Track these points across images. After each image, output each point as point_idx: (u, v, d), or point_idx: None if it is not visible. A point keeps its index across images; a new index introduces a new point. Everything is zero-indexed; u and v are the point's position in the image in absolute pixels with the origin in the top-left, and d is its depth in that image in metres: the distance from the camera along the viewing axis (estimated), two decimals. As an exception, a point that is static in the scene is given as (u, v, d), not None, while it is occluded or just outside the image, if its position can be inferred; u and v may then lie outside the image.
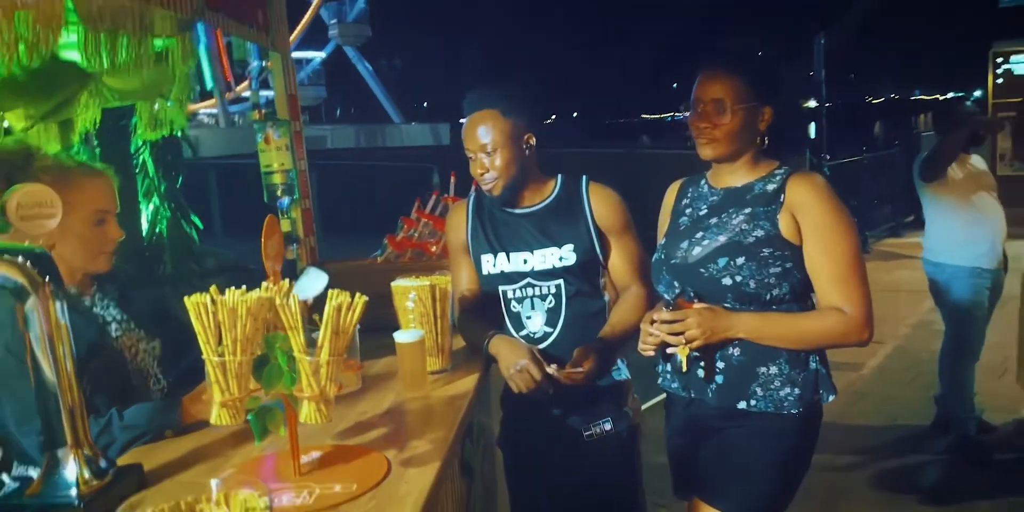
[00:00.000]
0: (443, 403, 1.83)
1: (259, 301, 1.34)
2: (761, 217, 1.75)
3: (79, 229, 1.74)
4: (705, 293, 1.77)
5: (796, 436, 1.78)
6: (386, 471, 1.45)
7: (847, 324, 1.71)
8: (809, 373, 1.76)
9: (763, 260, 1.72)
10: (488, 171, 2.04)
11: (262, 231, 1.51)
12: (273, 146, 2.54)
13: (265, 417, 1.42)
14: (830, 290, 1.72)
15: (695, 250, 1.79)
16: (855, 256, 1.73)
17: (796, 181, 1.76)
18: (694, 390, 1.84)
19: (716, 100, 1.76)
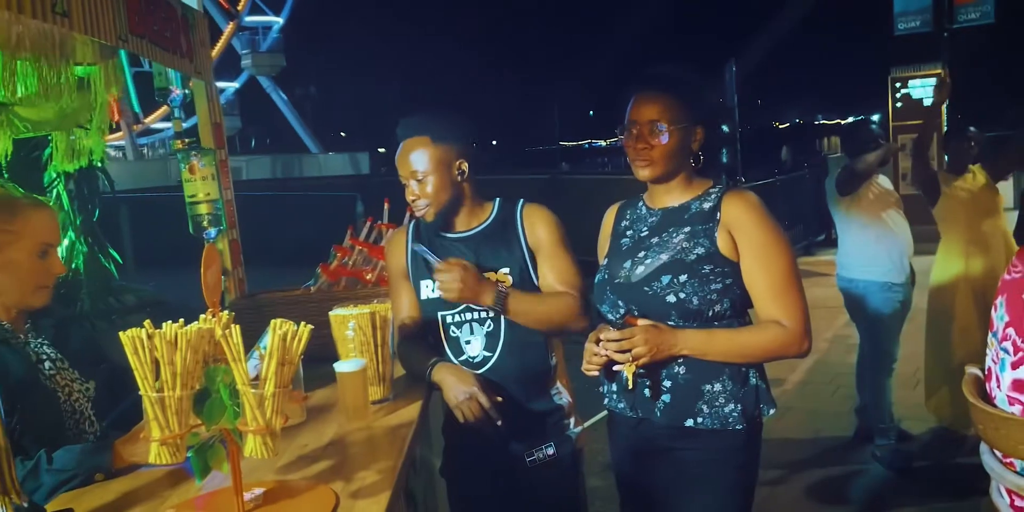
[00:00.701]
0: (387, 432, 1.80)
1: (199, 333, 1.30)
2: (700, 235, 1.79)
3: (23, 260, 1.68)
4: (649, 311, 1.79)
5: (743, 452, 1.81)
6: (334, 504, 1.41)
7: (787, 336, 1.75)
8: (750, 388, 1.79)
9: (704, 277, 1.75)
10: (419, 198, 2.05)
11: (201, 262, 1.47)
12: (198, 176, 2.48)
13: (206, 453, 1.37)
14: (768, 304, 1.76)
15: (638, 269, 1.82)
16: (791, 270, 1.78)
17: (730, 199, 1.81)
18: (641, 409, 1.85)
19: (652, 121, 1.80)
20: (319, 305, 2.21)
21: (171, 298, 3.76)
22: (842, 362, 5.24)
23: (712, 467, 1.80)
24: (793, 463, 3.88)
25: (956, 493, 3.48)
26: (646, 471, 1.91)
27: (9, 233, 1.63)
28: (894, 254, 3.86)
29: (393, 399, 2.01)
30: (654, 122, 1.79)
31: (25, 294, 1.71)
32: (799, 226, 10.47)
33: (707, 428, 1.77)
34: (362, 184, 16.66)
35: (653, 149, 1.80)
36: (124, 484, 1.57)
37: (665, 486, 1.86)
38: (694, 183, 1.88)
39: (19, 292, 1.70)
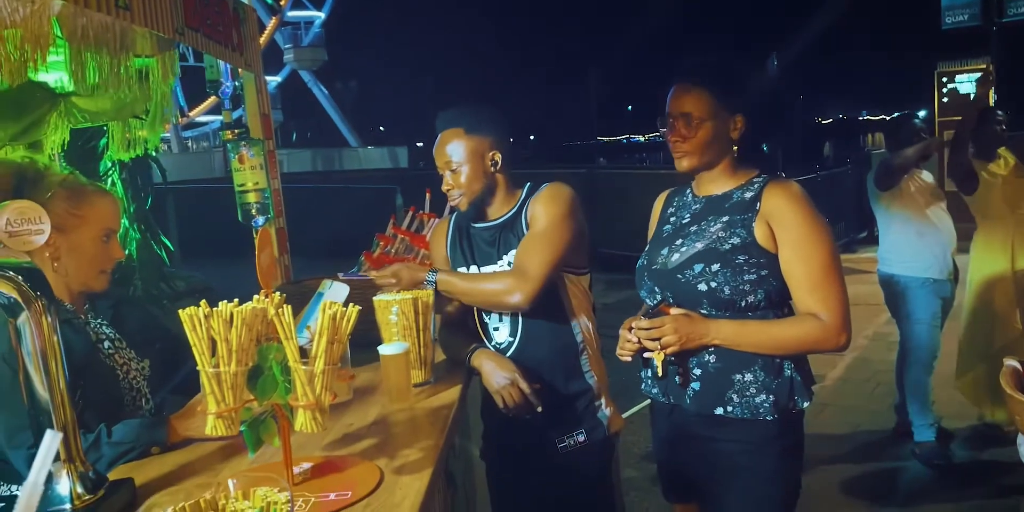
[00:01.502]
0: (428, 414, 1.85)
1: (253, 312, 1.36)
2: (737, 225, 1.80)
3: (87, 244, 1.76)
4: (682, 298, 1.81)
5: (778, 442, 1.81)
6: (379, 479, 1.47)
7: (823, 330, 1.74)
8: (784, 380, 1.79)
9: (738, 267, 1.76)
10: (453, 188, 2.11)
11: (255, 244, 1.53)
12: (247, 165, 2.55)
13: (259, 427, 1.43)
14: (806, 296, 1.76)
15: (674, 256, 1.84)
16: (831, 262, 1.76)
17: (772, 190, 1.81)
18: (672, 396, 1.88)
19: (684, 114, 1.82)
20: (363, 291, 2.26)
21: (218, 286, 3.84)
22: (882, 359, 5.20)
23: (746, 456, 1.81)
24: (831, 459, 3.88)
25: (996, 491, 3.47)
26: (682, 458, 1.94)
27: (77, 217, 1.72)
28: (936, 250, 3.83)
29: (434, 382, 2.07)
30: (687, 114, 1.81)
31: (88, 277, 1.79)
32: (840, 223, 10.35)
33: (737, 417, 1.78)
34: (401, 177, 16.80)
35: (686, 141, 1.83)
36: (180, 457, 1.64)
37: (701, 474, 1.89)
38: (738, 172, 1.88)
39: (83, 275, 1.78)
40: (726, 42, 60.12)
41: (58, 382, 1.35)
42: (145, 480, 1.51)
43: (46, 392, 1.34)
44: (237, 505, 0.87)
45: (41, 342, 1.33)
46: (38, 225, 1.51)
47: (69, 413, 1.36)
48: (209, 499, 0.88)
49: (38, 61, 1.48)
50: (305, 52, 39.69)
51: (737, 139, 1.85)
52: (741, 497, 1.83)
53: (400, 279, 2.08)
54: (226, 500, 0.88)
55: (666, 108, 1.86)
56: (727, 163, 1.87)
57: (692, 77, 1.84)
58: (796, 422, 1.85)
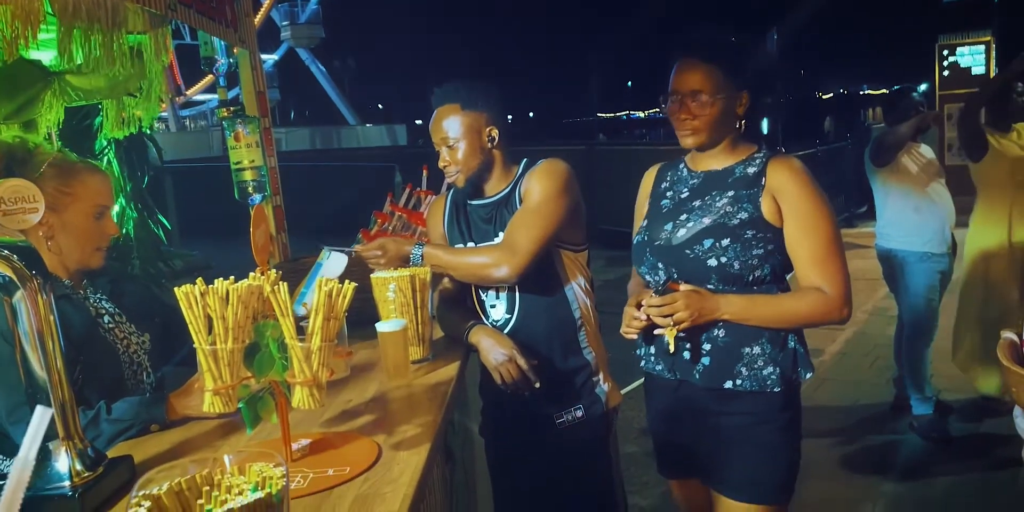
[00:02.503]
0: (427, 390, 1.86)
1: (249, 289, 1.36)
2: (744, 200, 1.80)
3: (79, 222, 1.77)
4: (689, 274, 1.81)
5: (783, 413, 1.84)
6: (377, 455, 1.48)
7: (827, 303, 1.76)
8: (788, 352, 1.82)
9: (747, 242, 1.77)
10: (450, 164, 2.10)
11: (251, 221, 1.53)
12: (243, 143, 2.54)
13: (257, 404, 1.44)
14: (810, 270, 1.78)
15: (680, 232, 1.83)
16: (833, 237, 1.78)
17: (776, 165, 1.81)
18: (680, 372, 1.88)
19: (694, 91, 1.80)
20: (361, 269, 2.27)
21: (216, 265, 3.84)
22: (881, 334, 5.22)
23: (752, 428, 1.83)
24: (830, 432, 3.90)
25: (994, 463, 3.49)
26: (686, 433, 1.94)
27: (67, 195, 1.72)
28: (934, 224, 3.82)
29: (432, 359, 2.07)
30: (696, 92, 1.80)
31: (84, 254, 1.79)
32: (840, 197, 10.34)
33: (746, 390, 1.80)
34: (399, 155, 16.75)
35: (696, 119, 1.81)
36: (178, 434, 1.65)
37: (706, 447, 1.90)
38: (738, 148, 1.88)
39: (78, 252, 1.78)
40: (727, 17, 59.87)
41: (55, 360, 1.35)
42: (144, 458, 1.52)
43: (43, 371, 1.34)
44: (233, 480, 0.87)
45: (37, 321, 1.33)
46: (32, 204, 1.50)
47: (67, 391, 1.36)
48: (205, 475, 0.88)
49: (29, 38, 1.47)
50: (302, 29, 39.42)
51: (741, 115, 1.84)
52: (749, 469, 1.85)
53: (386, 251, 2.07)
54: (222, 476, 0.88)
55: (670, 84, 1.84)
56: (730, 139, 1.87)
57: (700, 53, 1.82)
58: (797, 394, 1.89)
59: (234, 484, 0.87)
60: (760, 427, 1.83)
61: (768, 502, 1.86)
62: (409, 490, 1.32)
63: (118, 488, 1.39)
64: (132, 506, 0.83)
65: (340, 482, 1.37)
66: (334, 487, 1.36)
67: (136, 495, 0.85)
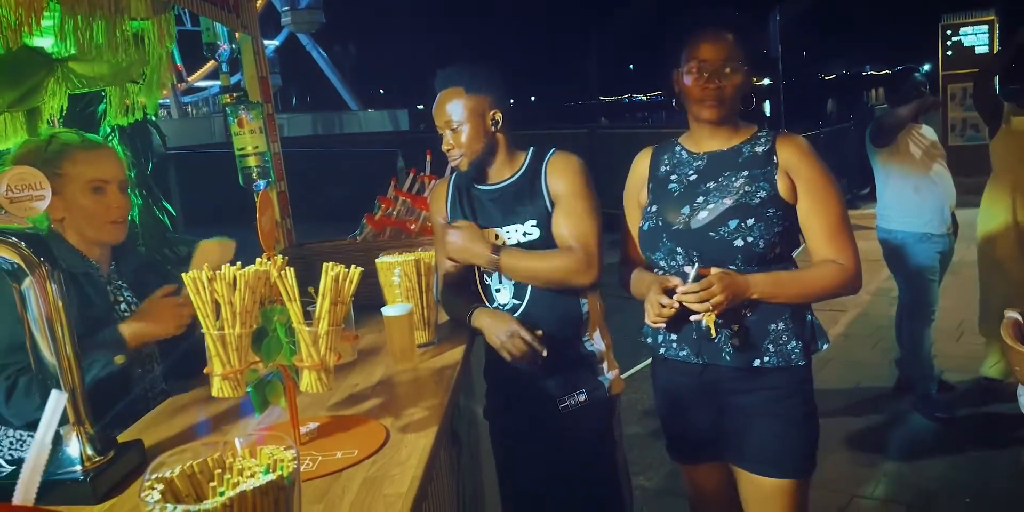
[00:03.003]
0: (433, 374, 1.87)
1: (256, 274, 1.37)
2: (760, 178, 1.82)
3: (79, 200, 1.82)
4: (713, 256, 1.81)
5: (806, 385, 1.88)
6: (385, 437, 1.49)
7: (845, 275, 1.81)
8: (807, 325, 1.86)
9: (769, 220, 1.79)
10: (453, 148, 2.10)
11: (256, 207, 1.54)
12: (247, 129, 2.54)
13: (265, 388, 1.45)
14: (824, 245, 1.82)
15: (701, 214, 1.83)
16: (844, 212, 1.83)
17: (784, 143, 1.84)
18: (707, 355, 1.87)
19: (723, 60, 1.79)
20: (365, 254, 2.28)
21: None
22: (884, 315, 5.22)
23: (778, 403, 1.85)
24: (833, 413, 3.92)
25: (997, 443, 3.51)
26: (707, 416, 1.94)
27: (59, 176, 1.78)
28: (934, 205, 3.82)
29: (438, 343, 2.09)
30: (725, 61, 1.79)
31: (96, 230, 1.85)
32: (844, 179, 10.30)
33: (773, 366, 1.82)
34: (402, 140, 16.70)
35: (724, 89, 1.80)
36: (187, 418, 1.67)
37: (729, 428, 1.91)
38: (740, 127, 1.90)
39: (89, 229, 1.84)
40: None
41: (64, 347, 1.36)
42: (154, 441, 1.54)
43: (53, 357, 1.35)
44: (244, 463, 0.88)
45: (46, 307, 1.34)
46: (39, 191, 1.50)
47: (77, 377, 1.38)
48: (217, 458, 0.89)
49: (32, 25, 1.47)
50: (303, 14, 39.14)
51: (748, 91, 1.86)
52: (776, 443, 1.86)
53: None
54: (233, 458, 0.90)
55: (691, 55, 1.81)
56: (735, 116, 1.89)
57: (725, 24, 1.83)
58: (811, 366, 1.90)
59: (246, 467, 0.88)
60: (786, 401, 1.85)
61: (796, 476, 1.88)
62: (417, 472, 1.34)
63: (129, 472, 1.41)
64: (145, 489, 0.84)
65: (349, 464, 1.39)
66: (343, 470, 1.37)
67: (149, 478, 0.86)
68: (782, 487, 1.87)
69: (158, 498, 0.83)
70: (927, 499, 3.14)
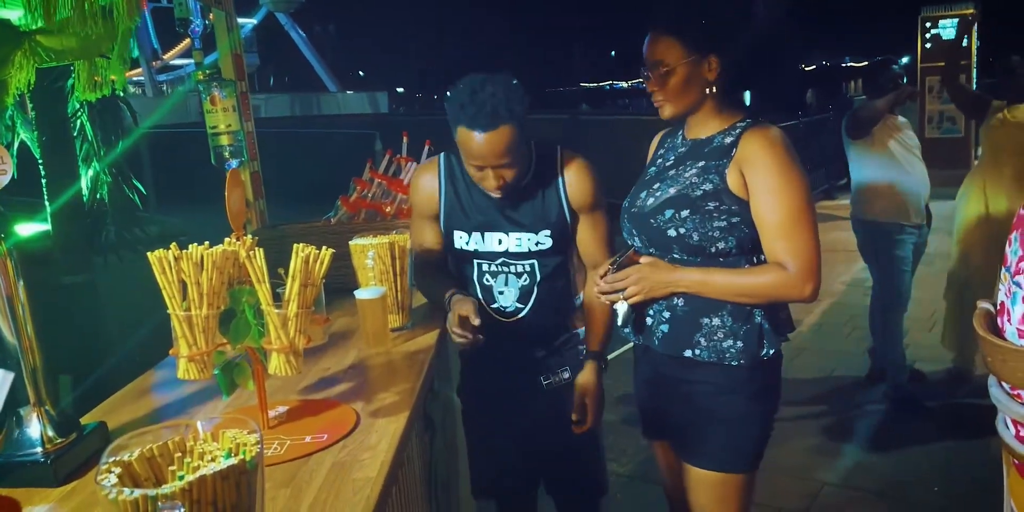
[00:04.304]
0: (405, 358, 1.85)
1: (224, 254, 1.34)
2: (712, 171, 1.77)
3: None
4: (655, 243, 1.80)
5: (748, 386, 1.81)
6: (355, 422, 1.47)
7: (787, 279, 1.71)
8: (753, 327, 1.78)
9: (707, 214, 1.74)
10: (502, 183, 1.94)
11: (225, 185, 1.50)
12: (219, 107, 2.49)
13: (233, 371, 1.42)
14: (773, 244, 1.73)
15: (649, 201, 1.82)
16: (800, 211, 1.72)
17: (749, 136, 1.77)
18: (643, 337, 1.89)
19: (655, 61, 1.78)
20: (339, 236, 2.24)
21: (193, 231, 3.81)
22: (858, 304, 5.26)
23: (715, 398, 1.82)
24: (806, 401, 3.95)
25: (967, 432, 3.54)
26: (657, 397, 1.95)
27: None
28: (909, 196, 3.83)
29: (412, 327, 2.06)
30: (656, 63, 1.78)
31: None
32: (821, 170, 10.37)
33: (705, 360, 1.79)
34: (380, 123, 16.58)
35: (660, 90, 1.79)
36: (153, 401, 1.64)
37: (674, 414, 1.91)
38: (723, 115, 1.84)
39: None
40: (710, -14, 58.57)
41: (25, 326, 1.33)
42: (118, 424, 1.51)
43: (13, 337, 1.31)
44: (206, 447, 0.86)
45: (6, 285, 1.31)
46: (1, 166, 1.46)
47: (38, 357, 1.35)
48: (178, 441, 0.87)
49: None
50: (281, -7, 38.64)
51: (715, 80, 1.80)
52: (710, 438, 1.85)
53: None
54: (195, 442, 0.87)
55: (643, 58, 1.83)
56: (711, 105, 1.83)
57: (659, 24, 1.80)
58: (768, 367, 1.84)
59: (207, 450, 0.85)
60: (723, 397, 1.82)
61: (728, 470, 1.86)
62: (387, 457, 1.32)
63: (91, 454, 1.38)
64: (102, 472, 0.82)
65: (318, 449, 1.37)
66: (312, 454, 1.35)
67: (107, 461, 0.83)
68: (710, 478, 1.86)
69: (115, 482, 0.81)
70: (897, 487, 3.17)
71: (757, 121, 1.84)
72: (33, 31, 2.39)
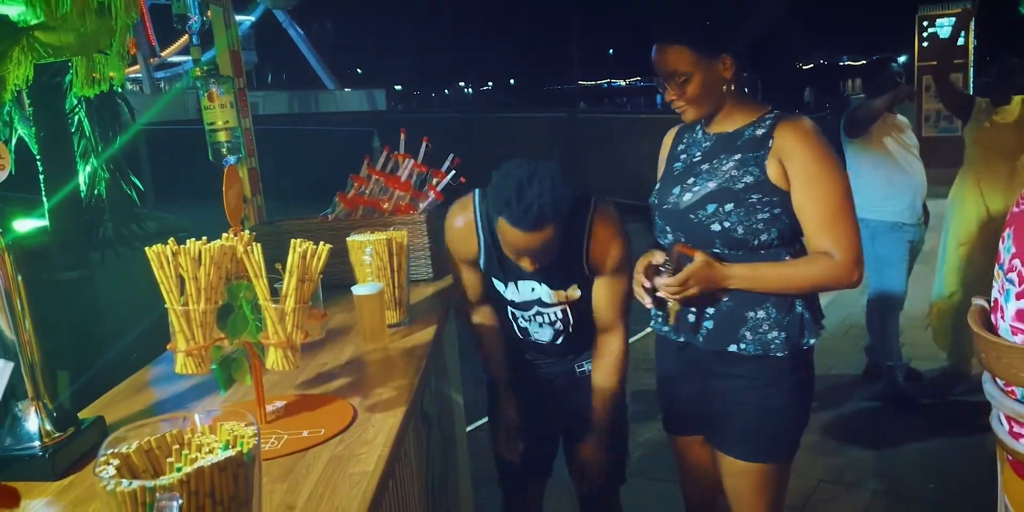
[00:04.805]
0: (403, 353, 1.85)
1: (221, 249, 1.34)
2: (750, 163, 1.77)
3: None
4: (695, 238, 1.81)
5: (789, 377, 1.84)
6: (352, 417, 1.47)
7: (836, 268, 1.74)
8: (795, 316, 1.80)
9: (751, 206, 1.75)
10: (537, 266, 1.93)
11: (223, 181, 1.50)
12: (217, 103, 2.49)
13: (230, 366, 1.43)
14: (818, 235, 1.75)
15: (686, 196, 1.82)
16: (842, 200, 1.75)
17: (784, 127, 1.78)
18: (684, 334, 1.89)
19: (670, 72, 1.78)
20: (337, 232, 2.25)
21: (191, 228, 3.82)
22: (854, 302, 5.26)
23: (757, 391, 1.84)
24: (801, 399, 3.96)
25: (963, 429, 3.55)
26: (692, 392, 1.96)
27: None
28: (907, 195, 3.84)
29: (409, 323, 2.07)
30: (672, 72, 1.78)
31: None
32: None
33: (750, 354, 1.80)
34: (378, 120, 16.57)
35: (679, 97, 1.80)
36: (151, 395, 1.64)
37: (710, 407, 1.92)
38: (746, 107, 1.85)
39: None
40: (708, -16, 58.48)
41: (23, 321, 1.33)
42: (116, 419, 1.51)
43: (11, 331, 1.32)
44: (203, 439, 0.86)
45: (4, 280, 1.31)
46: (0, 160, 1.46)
47: (36, 352, 1.35)
48: (176, 433, 0.87)
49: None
50: (279, -10, 38.55)
51: (732, 78, 1.81)
52: (751, 430, 1.87)
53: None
54: (193, 434, 0.87)
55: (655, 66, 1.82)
56: (732, 100, 1.84)
57: (666, 34, 1.79)
58: (806, 358, 1.87)
59: (204, 443, 0.86)
60: (765, 390, 1.84)
61: (769, 460, 1.89)
62: (384, 451, 1.32)
63: (89, 449, 1.38)
64: (100, 464, 0.82)
65: (315, 443, 1.37)
66: (309, 448, 1.35)
67: (105, 453, 0.84)
68: (751, 469, 1.89)
69: (113, 473, 0.81)
70: (893, 484, 3.18)
71: (786, 112, 1.84)
72: (31, 27, 2.39)
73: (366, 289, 1.88)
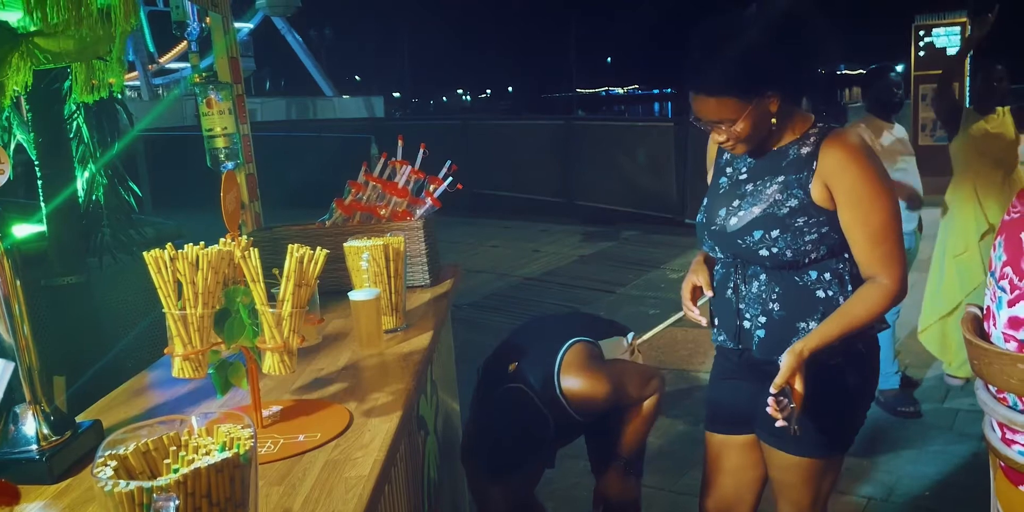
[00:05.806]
0: (399, 359, 1.86)
1: (219, 254, 1.35)
2: (794, 186, 1.76)
3: None
4: (744, 260, 1.84)
5: (845, 379, 1.85)
6: (348, 421, 1.48)
7: (887, 295, 1.74)
8: None
9: (798, 230, 1.75)
10: None
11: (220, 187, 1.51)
12: (215, 110, 2.50)
13: (227, 370, 1.43)
14: (867, 256, 1.75)
15: (732, 220, 1.82)
16: (889, 221, 1.74)
17: (829, 146, 1.74)
18: (743, 342, 1.92)
19: (715, 121, 1.75)
20: (334, 238, 2.26)
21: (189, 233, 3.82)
22: (850, 310, 5.29)
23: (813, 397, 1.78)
24: (796, 406, 3.96)
25: (957, 437, 3.56)
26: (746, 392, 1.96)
27: None
28: (902, 203, 3.86)
29: (405, 329, 2.08)
30: (718, 122, 1.74)
31: None
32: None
33: None
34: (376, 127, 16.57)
35: (730, 139, 1.77)
36: (148, 400, 1.65)
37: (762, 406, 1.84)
38: (794, 124, 1.81)
39: None
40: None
41: (22, 326, 1.34)
42: (113, 423, 1.52)
43: (9, 336, 1.33)
44: (200, 441, 0.87)
45: (4, 285, 1.32)
46: None
47: (34, 356, 1.36)
48: (172, 436, 0.88)
49: None
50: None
51: (776, 111, 1.75)
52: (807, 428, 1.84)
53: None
54: (189, 436, 0.88)
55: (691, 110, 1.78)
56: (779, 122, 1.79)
57: (705, 89, 1.72)
58: (861, 361, 1.88)
59: (201, 445, 0.87)
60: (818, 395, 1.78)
61: (811, 454, 1.91)
62: (380, 455, 1.33)
63: (86, 452, 1.39)
64: (98, 466, 0.83)
65: (311, 448, 1.38)
66: (304, 453, 1.36)
67: (103, 454, 0.85)
68: (797, 463, 1.92)
69: (110, 475, 0.82)
70: (887, 492, 3.19)
71: (829, 126, 1.81)
72: (30, 33, 2.40)
73: (363, 295, 1.89)
